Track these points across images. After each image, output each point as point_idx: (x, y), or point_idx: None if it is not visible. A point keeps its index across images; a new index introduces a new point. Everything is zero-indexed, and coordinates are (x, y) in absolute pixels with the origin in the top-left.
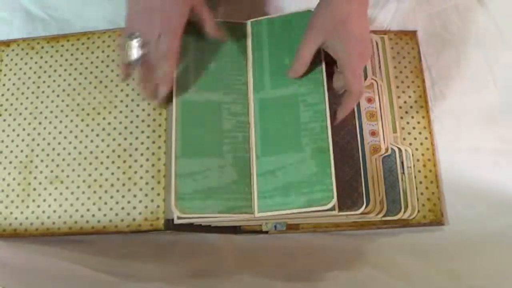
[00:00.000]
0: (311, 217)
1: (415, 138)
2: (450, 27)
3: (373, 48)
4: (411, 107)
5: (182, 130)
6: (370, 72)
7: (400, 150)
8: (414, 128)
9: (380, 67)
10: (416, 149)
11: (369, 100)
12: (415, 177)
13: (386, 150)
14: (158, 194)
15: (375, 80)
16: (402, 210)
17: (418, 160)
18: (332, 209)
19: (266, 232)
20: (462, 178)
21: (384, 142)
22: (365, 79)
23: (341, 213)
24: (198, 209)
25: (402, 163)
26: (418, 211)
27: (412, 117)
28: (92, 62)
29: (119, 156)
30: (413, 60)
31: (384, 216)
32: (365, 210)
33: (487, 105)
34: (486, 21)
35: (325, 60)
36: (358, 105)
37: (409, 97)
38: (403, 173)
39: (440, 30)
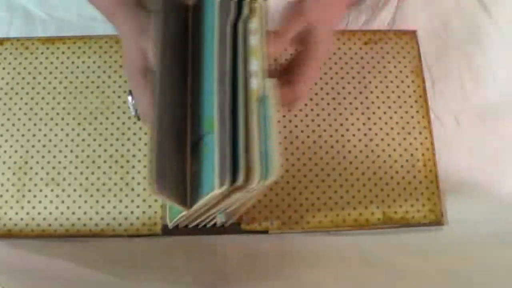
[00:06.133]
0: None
1: (415, 138)
2: (450, 27)
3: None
4: (411, 107)
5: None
6: None
7: None
8: (414, 128)
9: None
10: (416, 149)
11: None
12: (414, 177)
13: None
14: (156, 200)
15: None
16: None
17: (418, 160)
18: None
19: (266, 232)
20: (462, 178)
21: None
22: None
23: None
24: (176, 214)
25: None
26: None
27: (412, 117)
28: (89, 67)
29: (116, 162)
30: (413, 60)
31: None
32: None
33: (487, 105)
34: (486, 21)
35: None
36: None
37: (409, 97)
38: None
39: (440, 30)
